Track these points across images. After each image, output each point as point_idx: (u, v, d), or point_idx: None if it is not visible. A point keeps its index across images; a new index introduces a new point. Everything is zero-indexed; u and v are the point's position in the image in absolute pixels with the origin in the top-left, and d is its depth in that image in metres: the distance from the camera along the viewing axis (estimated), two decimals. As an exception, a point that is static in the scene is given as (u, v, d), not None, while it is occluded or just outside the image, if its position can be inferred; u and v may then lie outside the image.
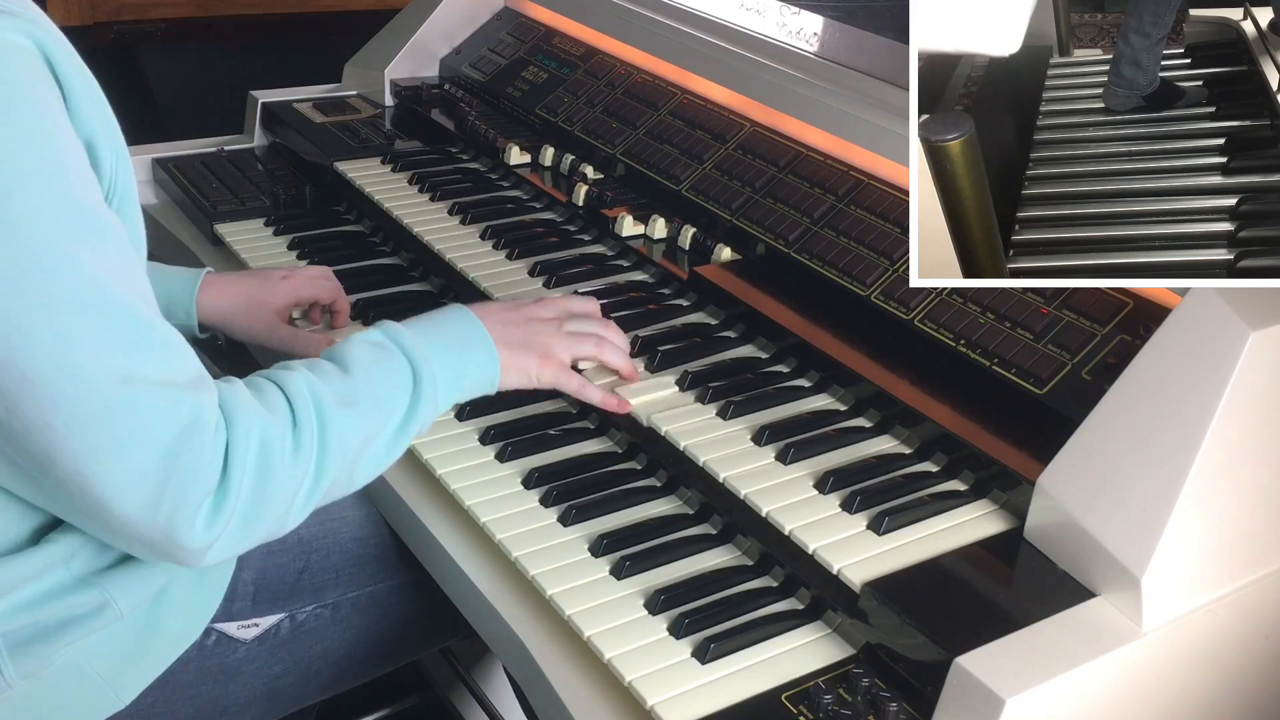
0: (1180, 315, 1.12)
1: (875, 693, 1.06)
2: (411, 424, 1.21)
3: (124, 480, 1.01)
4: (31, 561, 1.14)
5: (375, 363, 1.20)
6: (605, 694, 1.12)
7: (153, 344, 1.04)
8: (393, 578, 1.47)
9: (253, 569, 1.38)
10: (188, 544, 1.04)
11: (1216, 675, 1.17)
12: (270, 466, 1.07)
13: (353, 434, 1.15)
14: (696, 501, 1.31)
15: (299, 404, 1.12)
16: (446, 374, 1.25)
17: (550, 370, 1.35)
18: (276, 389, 1.13)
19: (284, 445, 1.09)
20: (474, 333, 1.30)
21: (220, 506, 1.05)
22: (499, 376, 1.31)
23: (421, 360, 1.22)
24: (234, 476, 1.05)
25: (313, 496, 1.13)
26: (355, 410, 1.15)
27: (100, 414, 0.99)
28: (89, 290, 1.00)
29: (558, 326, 1.38)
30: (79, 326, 0.99)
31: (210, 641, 1.34)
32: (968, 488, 1.27)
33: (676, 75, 1.90)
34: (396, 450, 1.22)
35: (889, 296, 1.44)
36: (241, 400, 1.09)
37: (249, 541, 1.10)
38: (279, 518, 1.11)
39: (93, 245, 1.01)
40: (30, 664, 1.17)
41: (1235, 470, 1.10)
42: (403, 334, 1.24)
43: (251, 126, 2.27)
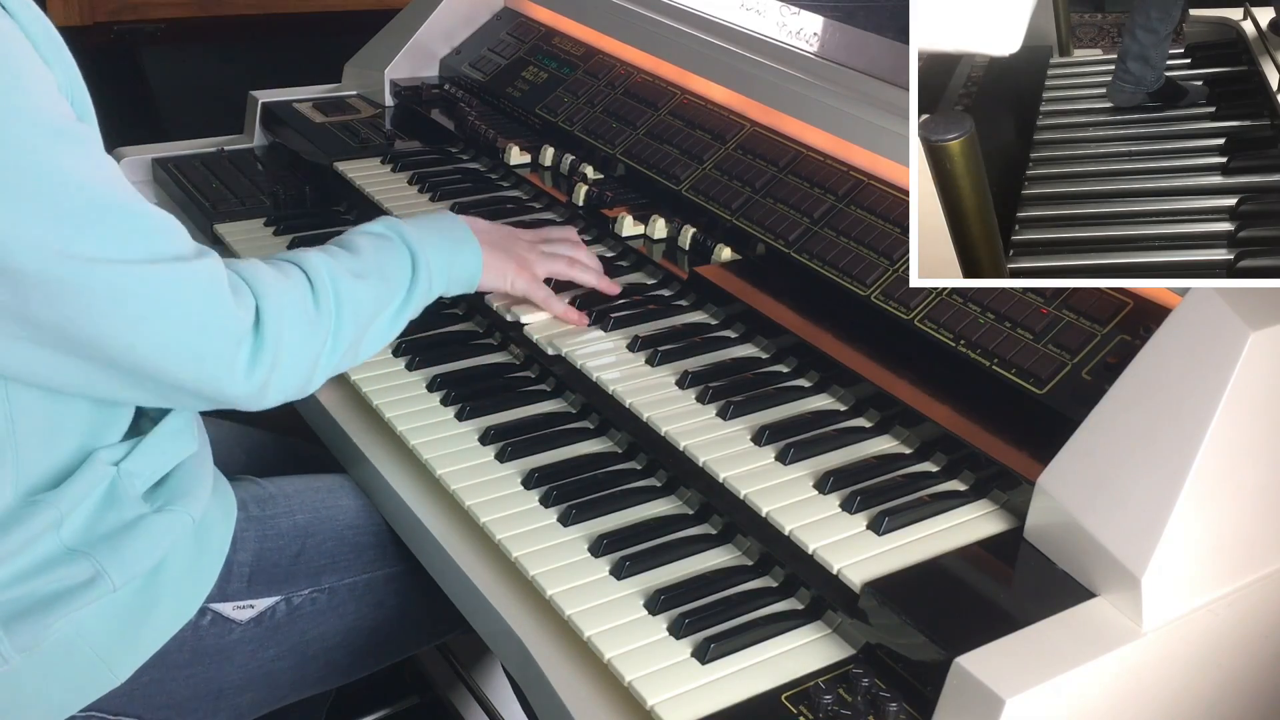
0: (1180, 315, 1.12)
1: (875, 693, 1.06)
2: (409, 305, 1.37)
3: (166, 346, 1.14)
4: (21, 530, 1.17)
5: (380, 248, 1.37)
6: (605, 694, 1.12)
7: (151, 229, 1.14)
8: (389, 566, 1.48)
9: (249, 551, 1.38)
10: (235, 392, 1.20)
11: (1216, 675, 1.17)
12: (298, 324, 1.23)
13: (365, 301, 1.31)
14: (696, 501, 1.31)
15: (315, 275, 1.27)
16: (440, 263, 1.41)
17: (524, 278, 1.52)
18: (294, 265, 1.29)
19: (306, 306, 1.25)
20: (462, 233, 1.47)
21: (258, 357, 1.19)
22: (481, 273, 1.48)
23: (419, 249, 1.39)
24: (269, 330, 1.20)
25: (334, 356, 1.28)
26: (365, 282, 1.31)
27: (130, 297, 1.11)
28: (86, 194, 1.09)
29: (532, 245, 1.56)
30: (88, 228, 1.08)
31: (205, 621, 1.34)
32: (968, 488, 1.27)
33: (676, 75, 1.90)
34: (396, 328, 1.37)
35: (889, 296, 1.44)
36: (263, 272, 1.24)
37: (284, 393, 1.25)
38: (307, 374, 1.26)
39: (80, 155, 1.10)
40: (25, 638, 1.18)
41: (1235, 470, 1.10)
42: (402, 226, 1.41)
43: (251, 126, 2.27)
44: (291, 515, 1.43)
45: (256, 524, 1.40)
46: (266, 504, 1.44)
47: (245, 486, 1.45)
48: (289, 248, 1.84)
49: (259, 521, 1.41)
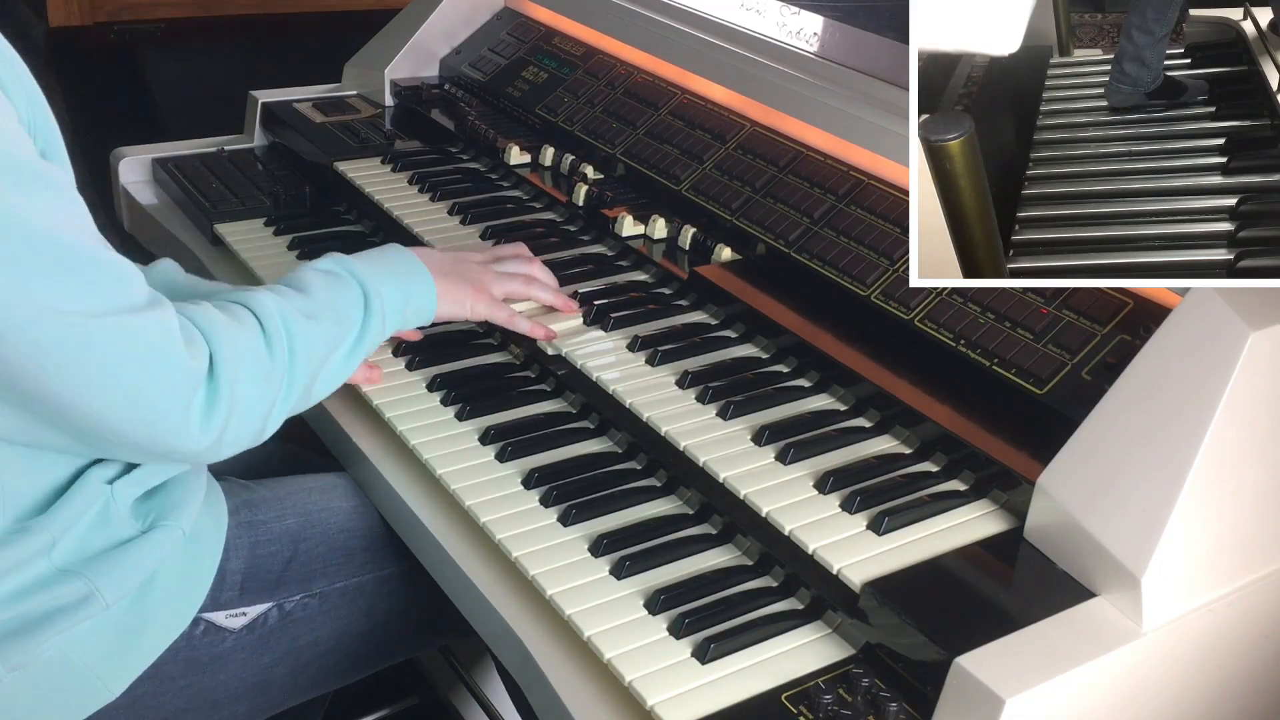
0: (1180, 315, 1.12)
1: (875, 693, 1.06)
2: (364, 342, 1.35)
3: (113, 402, 1.11)
4: (13, 551, 1.16)
5: (329, 285, 1.34)
6: (605, 694, 1.12)
7: (106, 277, 1.11)
8: (381, 569, 1.47)
9: (240, 558, 1.38)
10: (189, 447, 1.17)
11: (1216, 675, 1.16)
12: (252, 372, 1.20)
13: (318, 342, 1.28)
14: (696, 501, 1.31)
15: (266, 318, 1.24)
16: (392, 297, 1.39)
17: (483, 302, 1.49)
18: (243, 307, 1.25)
19: (259, 353, 1.22)
20: (412, 265, 1.44)
21: (212, 409, 1.16)
22: (436, 305, 1.45)
23: (371, 284, 1.37)
24: (223, 380, 1.17)
25: (287, 402, 1.25)
26: (317, 323, 1.29)
27: (81, 351, 1.08)
28: (39, 241, 1.06)
29: (485, 266, 1.53)
30: (39, 278, 1.05)
31: (198, 631, 1.34)
32: (968, 488, 1.27)
33: (676, 75, 1.90)
34: (350, 366, 1.35)
35: (889, 296, 1.44)
36: (215, 318, 1.21)
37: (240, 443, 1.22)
38: (262, 421, 1.23)
39: (32, 195, 1.07)
40: (18, 656, 1.17)
41: (1235, 470, 1.10)
42: (351, 262, 1.39)
43: (251, 126, 2.27)
44: (283, 520, 1.43)
45: (248, 530, 1.40)
46: (258, 508, 1.43)
47: (236, 490, 1.44)
48: (289, 248, 1.85)
49: (250, 528, 1.40)
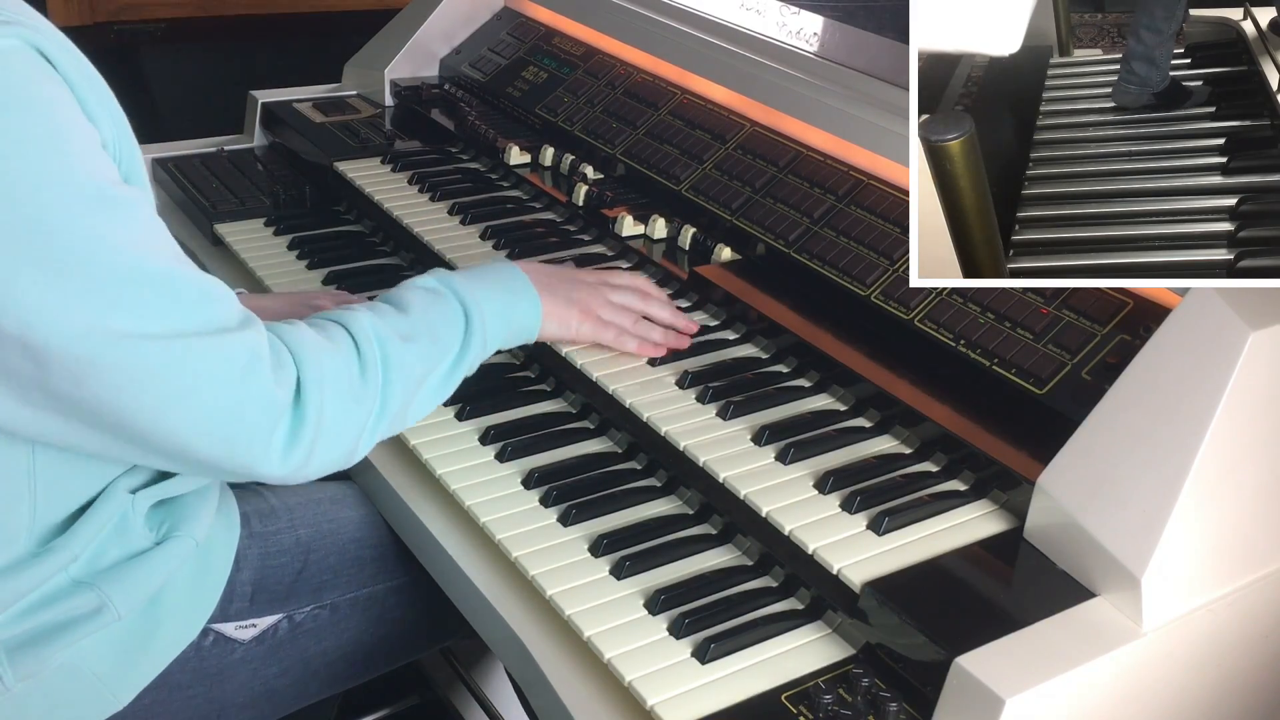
0: (1180, 315, 1.12)
1: (875, 693, 1.06)
2: (463, 363, 1.30)
3: (197, 428, 1.09)
4: (36, 571, 1.15)
5: (430, 304, 1.29)
6: (605, 694, 1.12)
7: (194, 299, 1.09)
8: (391, 578, 1.47)
9: (251, 569, 1.38)
10: (270, 473, 1.14)
11: (1216, 675, 1.16)
12: (341, 396, 1.16)
13: (414, 366, 1.24)
14: (696, 501, 1.31)
15: (362, 339, 1.20)
16: (495, 317, 1.34)
17: (589, 324, 1.44)
18: (339, 326, 1.21)
19: (352, 376, 1.18)
20: (518, 282, 1.39)
21: (297, 436, 1.13)
22: (540, 323, 1.40)
23: (472, 303, 1.31)
24: (309, 407, 1.13)
25: (380, 425, 1.21)
26: (415, 344, 1.24)
27: (162, 375, 1.06)
28: (121, 266, 1.04)
29: (596, 288, 1.46)
30: (119, 303, 1.03)
31: (208, 642, 1.34)
32: (968, 488, 1.27)
33: (676, 75, 1.90)
34: (449, 387, 1.30)
35: (889, 296, 1.44)
36: (307, 339, 1.17)
37: (325, 467, 1.18)
38: (351, 445, 1.19)
39: (117, 219, 1.05)
40: (28, 666, 1.17)
41: (1235, 470, 1.10)
42: (454, 279, 1.34)
43: (251, 126, 2.27)
44: (294, 530, 1.42)
45: (259, 541, 1.39)
46: (269, 518, 1.43)
47: (248, 498, 1.44)
48: (289, 248, 1.85)
49: (261, 538, 1.40)
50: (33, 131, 1.01)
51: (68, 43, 1.09)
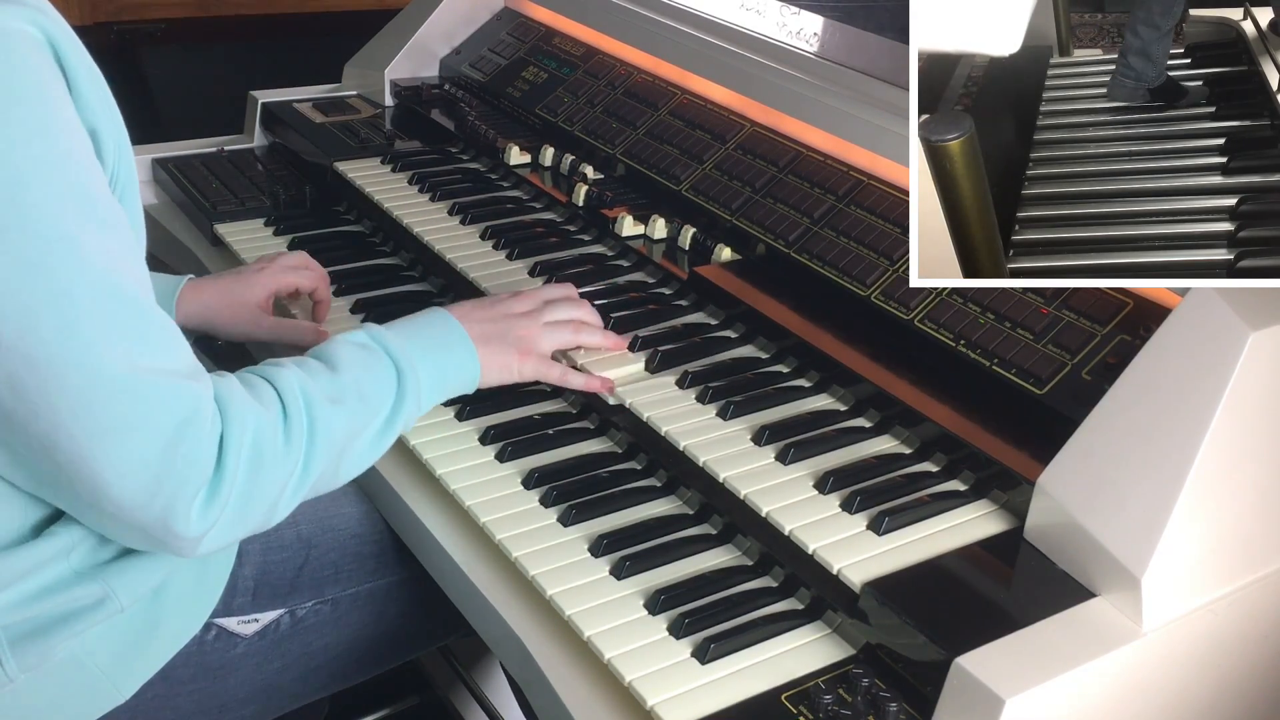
0: (1180, 315, 1.12)
1: (875, 693, 1.06)
2: (395, 422, 1.25)
3: (124, 466, 1.03)
4: (32, 555, 1.14)
5: (361, 363, 1.24)
6: (605, 694, 1.12)
7: (154, 333, 1.06)
8: (392, 574, 1.48)
9: (253, 565, 1.38)
10: (183, 533, 1.07)
11: (1216, 675, 1.16)
12: (263, 458, 1.11)
13: (339, 429, 1.18)
14: (696, 501, 1.31)
15: (289, 399, 1.15)
16: (429, 374, 1.28)
17: (531, 363, 1.39)
18: (268, 384, 1.16)
19: (275, 438, 1.12)
20: (453, 334, 1.33)
21: (215, 496, 1.08)
22: (479, 375, 1.35)
23: (405, 361, 1.26)
24: (229, 467, 1.08)
25: (300, 489, 1.16)
26: (342, 407, 1.19)
27: (105, 399, 1.01)
28: (96, 277, 1.02)
29: (534, 319, 1.41)
30: (86, 312, 1.01)
31: (210, 636, 1.34)
32: (968, 488, 1.27)
33: (676, 75, 1.90)
34: (381, 447, 1.25)
35: (889, 296, 1.44)
36: (236, 394, 1.11)
37: (240, 532, 1.13)
38: (269, 509, 1.14)
39: (100, 233, 1.03)
40: (31, 658, 1.17)
41: (1235, 470, 1.10)
42: (386, 336, 1.28)
43: (251, 126, 2.27)
44: (295, 526, 1.42)
45: (260, 536, 1.39)
46: None
47: None
48: (289, 248, 1.85)
49: (263, 534, 1.39)
50: (27, 120, 1.00)
51: (77, 40, 1.08)
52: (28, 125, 1.00)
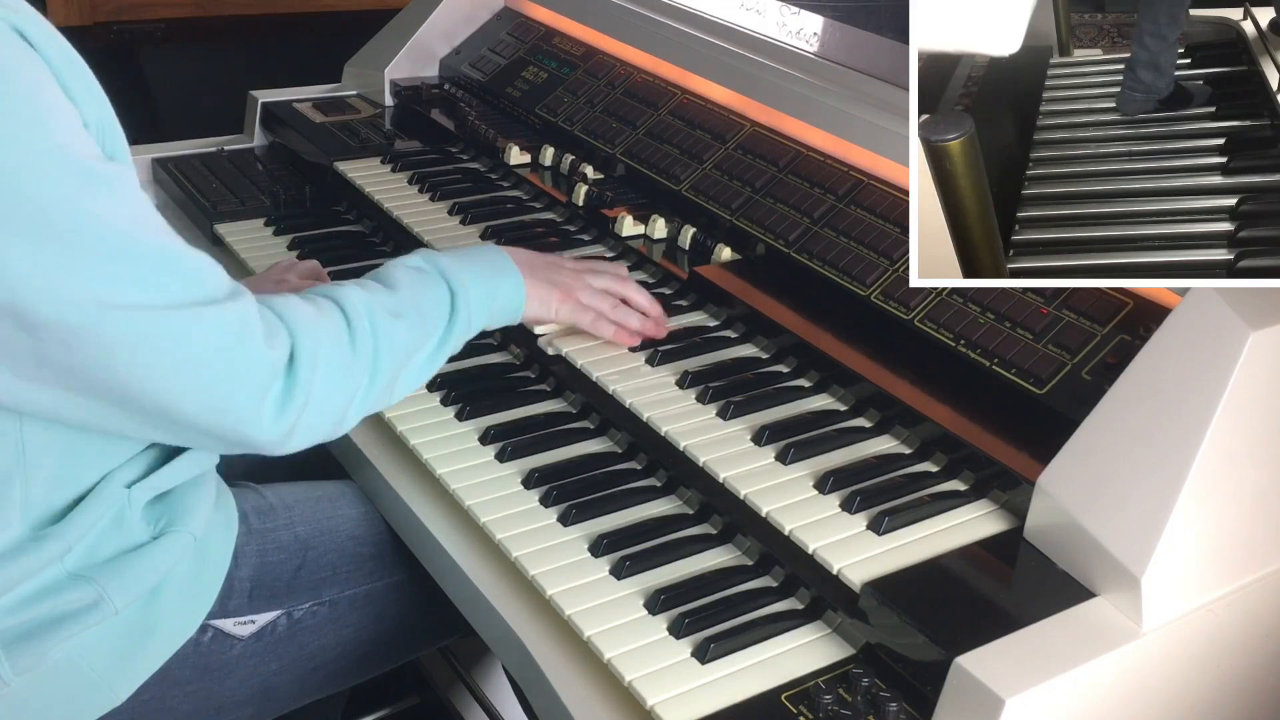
0: (1180, 315, 1.12)
1: (875, 693, 1.06)
2: (448, 341, 1.33)
3: (190, 394, 1.10)
4: (27, 559, 1.15)
5: (418, 283, 1.32)
6: (605, 694, 1.12)
7: (183, 271, 1.10)
8: (390, 575, 1.47)
9: (250, 566, 1.38)
10: (259, 436, 1.15)
11: (1217, 675, 1.16)
12: (333, 366, 1.18)
13: (401, 342, 1.26)
14: (696, 501, 1.31)
15: (353, 313, 1.22)
16: (480, 297, 1.36)
17: (568, 306, 1.47)
18: (330, 301, 1.24)
19: (343, 348, 1.20)
20: (504, 263, 1.42)
21: (289, 400, 1.15)
22: (523, 304, 1.43)
23: (458, 283, 1.34)
24: (301, 373, 1.15)
25: (367, 399, 1.23)
26: (402, 321, 1.27)
27: (155, 344, 1.07)
28: (110, 239, 1.05)
29: (576, 273, 1.49)
30: (109, 274, 1.05)
31: (206, 638, 1.34)
32: (968, 488, 1.27)
33: (676, 75, 1.90)
34: (434, 365, 1.33)
35: (889, 296, 1.44)
36: (301, 310, 1.19)
37: (316, 436, 1.20)
38: (339, 416, 1.21)
39: (103, 195, 1.06)
40: (26, 661, 1.17)
41: (1235, 470, 1.10)
42: (440, 259, 1.36)
43: (251, 126, 2.27)
44: (292, 527, 1.42)
45: (257, 537, 1.39)
46: (267, 515, 1.42)
47: (246, 495, 1.44)
48: (289, 248, 1.85)
49: (260, 535, 1.40)
50: (14, 106, 1.02)
51: (45, 22, 1.10)
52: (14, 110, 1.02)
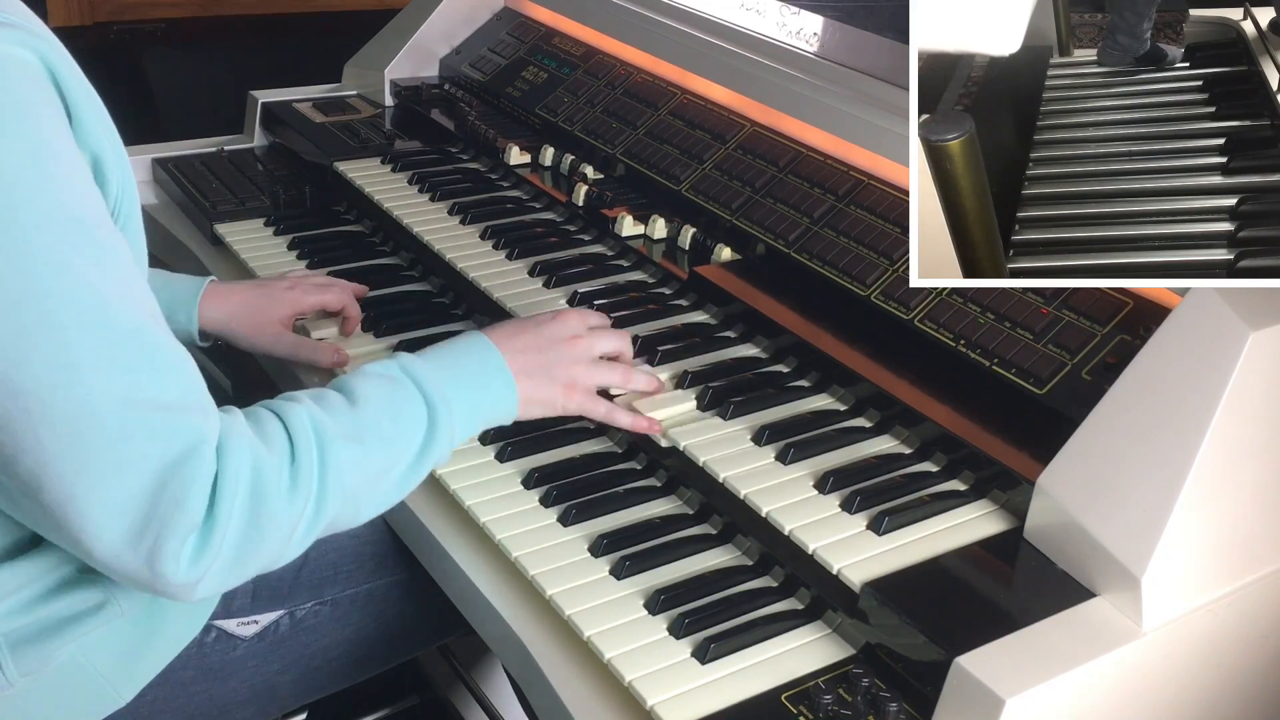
0: (1180, 315, 1.12)
1: (875, 693, 1.06)
2: (426, 459, 1.17)
3: (109, 507, 0.97)
4: (34, 562, 1.14)
5: (387, 397, 1.16)
6: (605, 694, 1.12)
7: (156, 365, 1.00)
8: (391, 574, 1.47)
9: None
10: (171, 578, 1.00)
11: (1216, 675, 1.17)
12: (263, 501, 1.03)
13: (356, 470, 1.10)
14: (696, 501, 1.31)
15: (299, 437, 1.07)
16: (463, 409, 1.20)
17: (576, 398, 1.31)
18: (276, 420, 1.09)
19: (279, 480, 1.05)
20: (491, 365, 1.25)
21: (207, 541, 1.01)
22: (517, 411, 1.27)
23: (438, 396, 1.18)
24: (221, 511, 1.01)
25: (311, 532, 1.09)
26: (362, 446, 1.11)
27: (95, 434, 0.96)
28: (92, 308, 0.97)
29: (580, 350, 1.33)
30: (80, 344, 0.96)
31: (210, 639, 1.34)
32: (968, 488, 1.27)
33: (676, 75, 1.90)
34: (409, 485, 1.18)
35: (889, 296, 1.44)
36: (236, 432, 1.04)
37: (240, 576, 1.06)
38: (274, 553, 1.07)
39: (97, 262, 0.99)
40: (31, 662, 1.17)
41: (1235, 470, 1.10)
42: (417, 366, 1.20)
43: (251, 126, 2.27)
44: None
45: None
46: None
47: None
48: (289, 248, 1.85)
49: None
50: (18, 147, 0.96)
51: (74, 63, 1.05)
52: (22, 153, 0.96)
